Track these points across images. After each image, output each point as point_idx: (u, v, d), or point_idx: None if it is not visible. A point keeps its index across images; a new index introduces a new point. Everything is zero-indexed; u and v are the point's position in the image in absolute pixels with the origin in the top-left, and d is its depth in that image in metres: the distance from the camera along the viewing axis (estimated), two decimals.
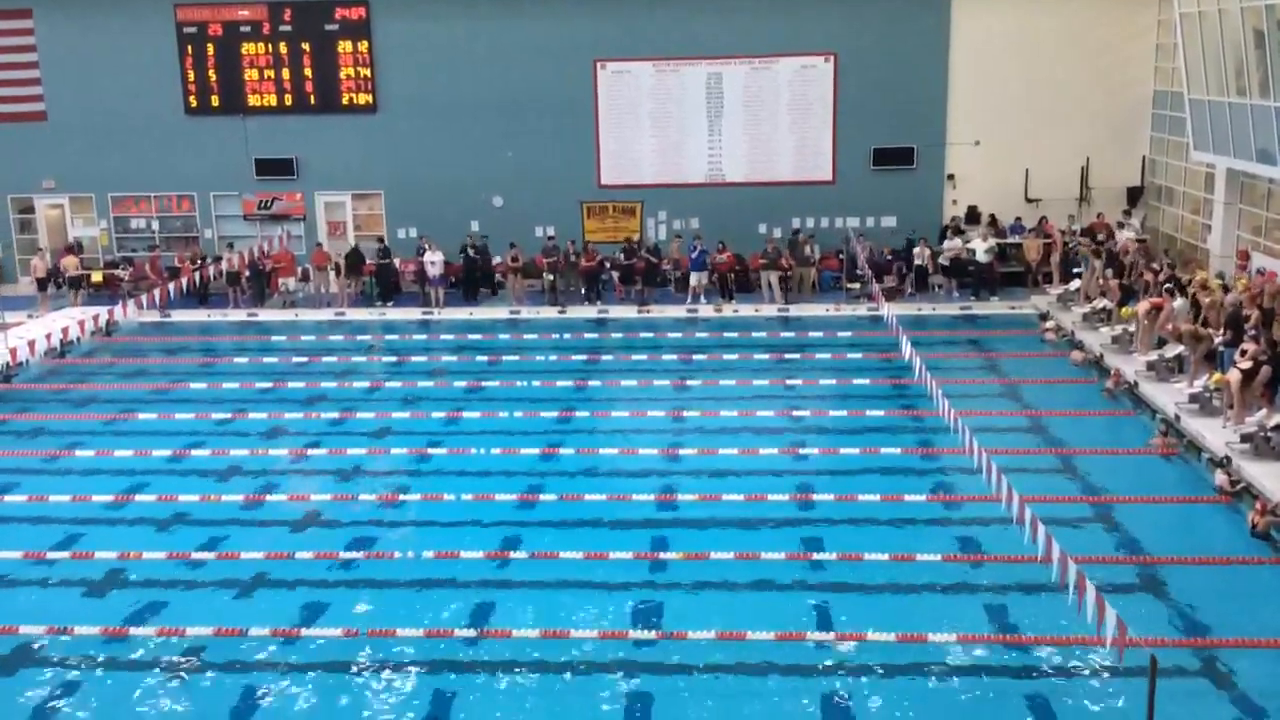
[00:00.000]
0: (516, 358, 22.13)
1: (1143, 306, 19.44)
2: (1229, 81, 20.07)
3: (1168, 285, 19.42)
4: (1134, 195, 26.39)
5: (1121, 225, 24.83)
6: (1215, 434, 15.57)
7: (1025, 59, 25.88)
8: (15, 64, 27.60)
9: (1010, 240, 26.19)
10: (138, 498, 15.29)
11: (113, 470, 16.32)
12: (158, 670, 11.15)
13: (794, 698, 10.53)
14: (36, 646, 11.61)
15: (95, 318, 22.54)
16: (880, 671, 10.85)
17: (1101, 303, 21.88)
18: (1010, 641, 11.34)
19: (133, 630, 11.81)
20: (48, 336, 21.36)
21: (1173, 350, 18.36)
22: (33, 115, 27.76)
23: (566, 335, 23.69)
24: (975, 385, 19.28)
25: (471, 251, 26.20)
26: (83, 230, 28.51)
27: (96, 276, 27.30)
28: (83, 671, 11.19)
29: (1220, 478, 14.60)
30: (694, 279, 25.52)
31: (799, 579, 12.69)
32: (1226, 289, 18.78)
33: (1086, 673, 10.74)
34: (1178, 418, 16.48)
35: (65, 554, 13.67)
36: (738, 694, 10.59)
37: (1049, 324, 22.66)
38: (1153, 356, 18.50)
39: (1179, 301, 18.82)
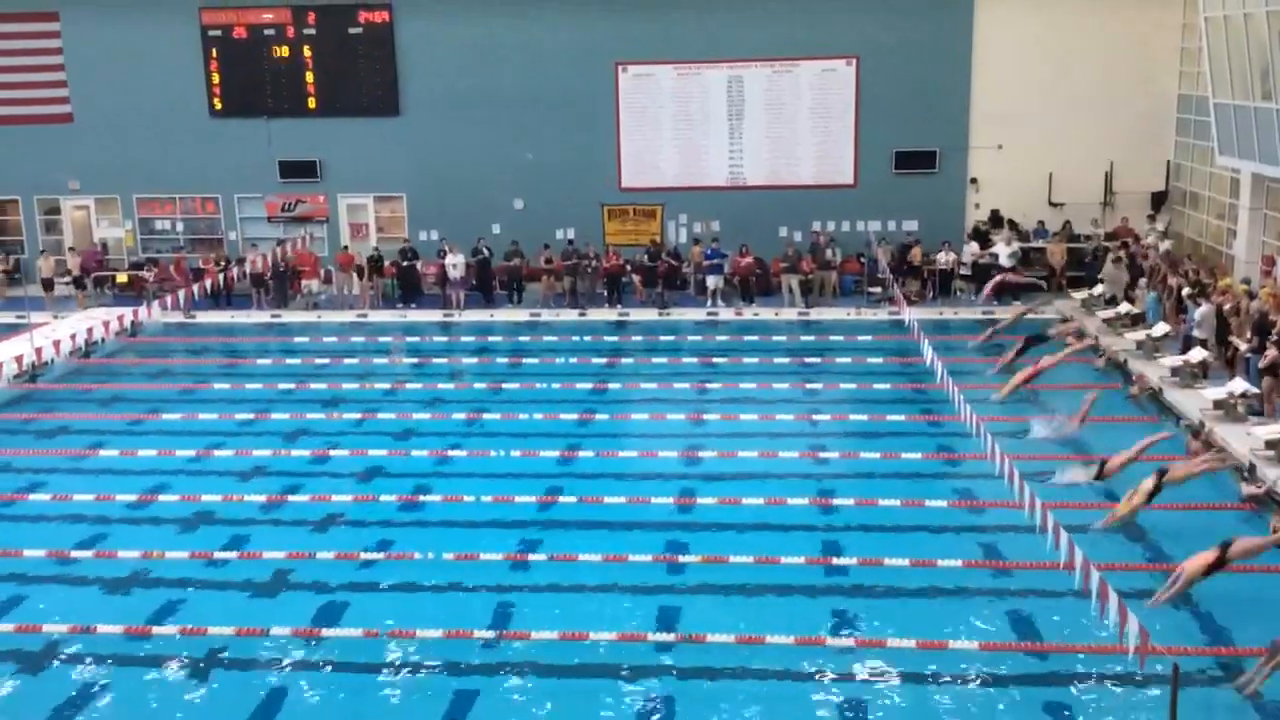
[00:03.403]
0: (536, 360, 22.18)
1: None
2: (1254, 86, 19.92)
3: (1191, 291, 19.30)
4: (1158, 200, 26.23)
5: (1164, 236, 24.64)
6: (1241, 441, 15.45)
7: (1049, 62, 25.77)
8: (42, 66, 27.87)
9: (1033, 244, 26.09)
10: (161, 497, 15.40)
11: (136, 470, 16.43)
12: (179, 669, 11.21)
13: (813, 703, 10.50)
14: (60, 644, 11.69)
15: (120, 318, 22.72)
16: (900, 678, 10.80)
17: (1125, 307, 21.77)
18: (1032, 649, 11.27)
19: (155, 629, 11.88)
20: (73, 337, 21.56)
21: (1197, 356, 18.23)
22: (59, 117, 28.03)
23: (586, 337, 23.72)
24: (997, 390, 19.15)
25: (486, 252, 26.25)
26: (108, 231, 28.78)
27: (121, 278, 27.58)
28: (105, 669, 11.27)
29: (1247, 488, 14.46)
30: (711, 281, 25.53)
31: (819, 584, 12.66)
32: (1252, 295, 18.64)
33: (1108, 681, 10.66)
34: (1202, 424, 16.35)
35: (89, 553, 13.75)
36: (756, 698, 10.56)
37: (1070, 327, 22.51)
38: (1177, 362, 18.37)
39: (1204, 308, 18.69)
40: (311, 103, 27.49)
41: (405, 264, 26.49)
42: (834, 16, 26.38)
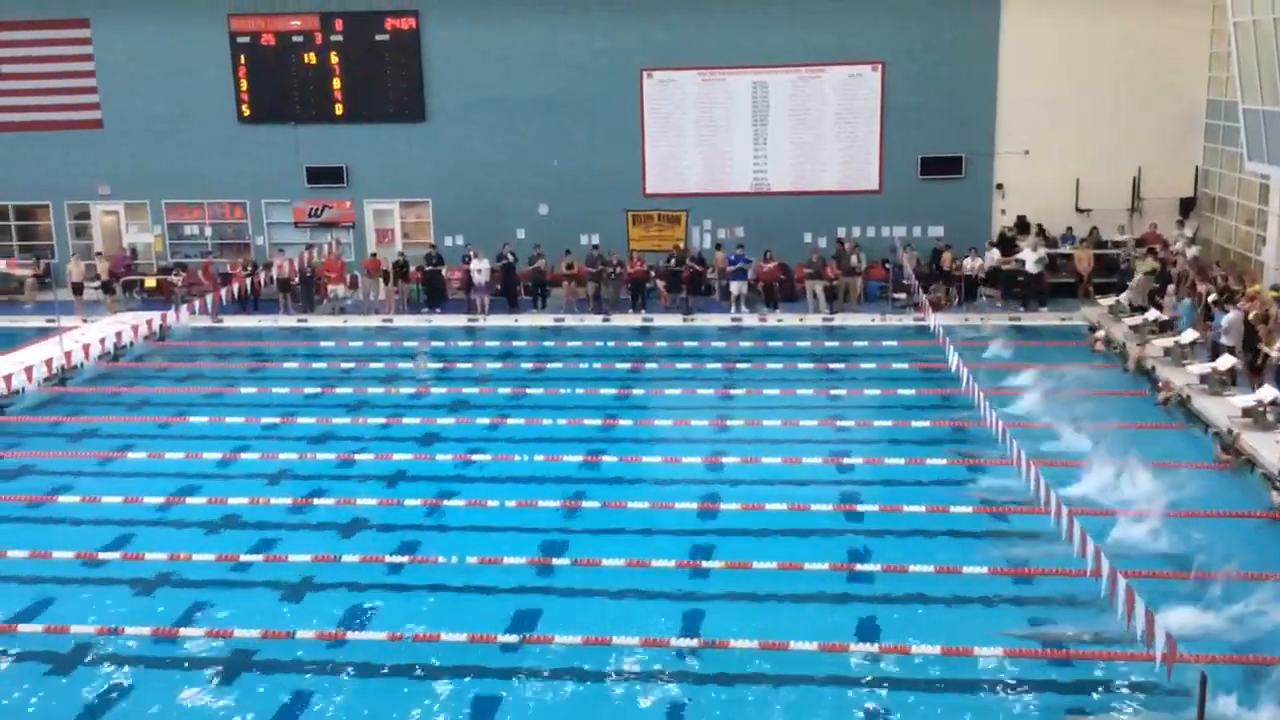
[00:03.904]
0: (560, 365, 22.22)
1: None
2: None
3: (1217, 298, 19.13)
4: (1187, 206, 26.04)
5: (1193, 242, 24.45)
6: (1270, 449, 15.30)
7: (1076, 67, 25.64)
8: (73, 72, 28.19)
9: (1060, 251, 25.95)
10: (188, 500, 15.50)
11: (164, 473, 16.56)
12: (206, 671, 11.30)
13: (836, 710, 10.47)
14: (88, 646, 11.79)
15: (149, 322, 22.90)
16: (924, 684, 10.76)
17: (1153, 314, 21.61)
18: (1057, 656, 11.20)
19: (182, 631, 11.97)
20: (102, 340, 21.76)
21: (1226, 363, 18.07)
22: (89, 123, 28.33)
23: (610, 343, 23.74)
24: (1023, 396, 19.06)
25: (510, 257, 26.37)
26: (137, 236, 29.06)
27: (150, 282, 27.84)
28: (132, 671, 11.36)
29: (1278, 496, 14.31)
30: (734, 287, 25.52)
31: (843, 590, 12.61)
32: None
33: (1135, 689, 10.58)
34: (1230, 431, 16.21)
35: (116, 555, 13.89)
36: (779, 704, 10.54)
37: (1099, 335, 22.40)
38: (1206, 369, 18.22)
39: (1231, 314, 18.54)
40: (339, 109, 27.68)
41: (430, 269, 26.62)
42: (860, 22, 26.34)
